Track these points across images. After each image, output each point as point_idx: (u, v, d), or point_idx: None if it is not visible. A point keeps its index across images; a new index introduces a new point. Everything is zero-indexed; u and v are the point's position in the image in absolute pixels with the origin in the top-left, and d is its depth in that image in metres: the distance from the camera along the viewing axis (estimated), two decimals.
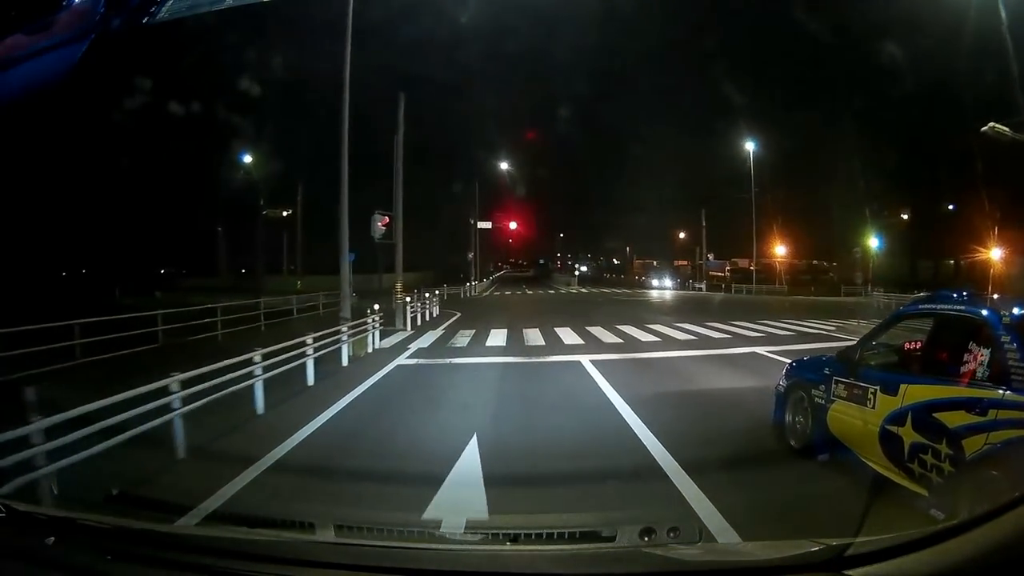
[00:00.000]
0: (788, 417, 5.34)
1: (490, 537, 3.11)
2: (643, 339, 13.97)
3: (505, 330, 16.27)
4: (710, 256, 53.73)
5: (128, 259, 46.83)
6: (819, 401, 4.87)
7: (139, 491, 4.04)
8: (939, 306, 4.30)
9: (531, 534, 2.78)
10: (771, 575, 1.56)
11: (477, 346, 13.24)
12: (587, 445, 5.53)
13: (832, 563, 1.47)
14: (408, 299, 17.80)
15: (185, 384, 5.69)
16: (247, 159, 41.51)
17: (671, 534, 2.20)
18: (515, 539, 2.53)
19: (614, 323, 17.58)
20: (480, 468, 4.67)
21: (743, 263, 63.19)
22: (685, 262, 67.92)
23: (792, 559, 1.55)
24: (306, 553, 1.80)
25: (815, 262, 60.04)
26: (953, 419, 3.48)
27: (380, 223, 17.39)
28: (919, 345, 4.64)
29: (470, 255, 46.25)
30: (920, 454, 3.69)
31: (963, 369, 3.69)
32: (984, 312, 3.78)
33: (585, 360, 10.64)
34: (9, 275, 28.76)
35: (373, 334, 13.51)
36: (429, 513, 3.79)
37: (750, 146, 45.91)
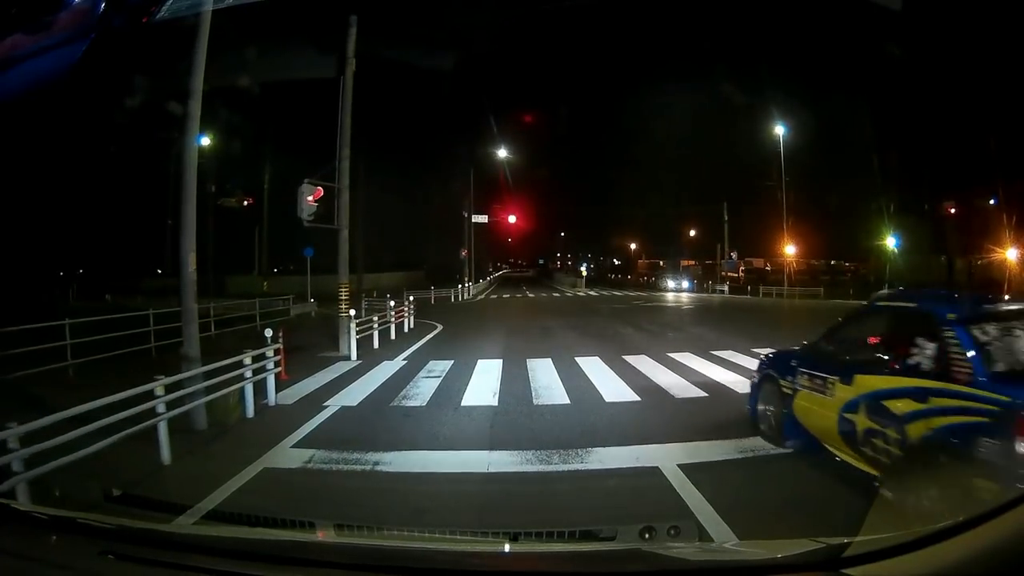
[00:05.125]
0: (760, 407, 5.65)
1: (490, 536, 3.00)
2: (740, 389, 8.02)
3: (499, 362, 10.35)
4: (733, 255, 48.08)
5: (104, 258, 43.07)
6: (787, 391, 5.13)
7: (140, 491, 3.87)
8: (895, 303, 4.95)
9: (531, 533, 2.74)
10: (770, 574, 1.53)
11: (445, 406, 7.29)
12: None
13: (831, 562, 1.44)
14: (353, 312, 11.85)
15: None
16: (205, 142, 36.70)
17: (671, 533, 2.21)
18: (515, 538, 2.39)
19: (664, 349, 11.66)
20: None
21: (757, 263, 59.24)
22: (693, 262, 63.91)
23: (791, 558, 1.52)
24: (306, 553, 1.75)
25: (833, 262, 57.49)
26: (899, 407, 3.83)
27: (310, 197, 11.47)
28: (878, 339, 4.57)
29: (463, 252, 40.26)
30: (872, 439, 4.03)
31: (911, 361, 3.93)
32: (931, 308, 4.12)
33: (667, 463, 4.82)
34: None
35: (267, 377, 7.67)
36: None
37: (779, 130, 41.18)
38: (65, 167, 35.13)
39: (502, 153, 40.48)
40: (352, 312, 11.69)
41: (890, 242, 36.99)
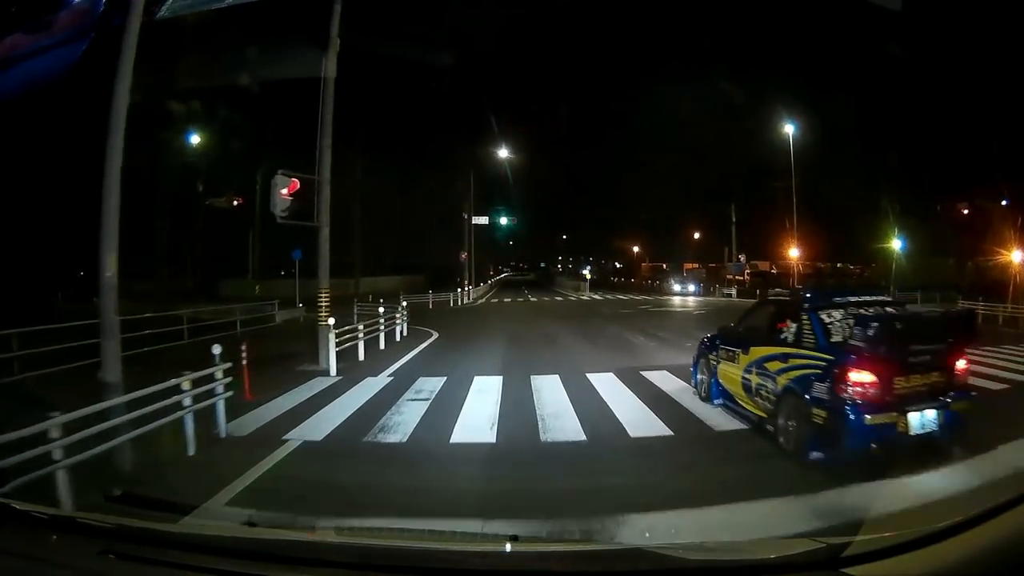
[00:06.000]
0: (698, 377, 7.47)
1: (490, 537, 2.86)
2: None
3: (499, 379, 8.96)
4: (741, 258, 46.72)
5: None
6: (713, 362, 6.95)
7: (140, 490, 3.69)
8: (779, 297, 7.80)
9: (531, 533, 2.70)
10: (771, 573, 1.54)
11: (430, 443, 5.87)
12: None
13: (832, 562, 1.45)
14: (332, 320, 10.43)
15: None
16: (194, 140, 35.74)
17: (671, 531, 2.22)
18: (515, 538, 2.14)
19: (686, 362, 10.21)
20: None
21: (763, 266, 58.14)
22: (696, 265, 62.75)
23: (792, 557, 1.52)
24: (307, 552, 1.75)
25: (839, 264, 56.83)
26: (773, 366, 5.55)
27: (284, 190, 10.10)
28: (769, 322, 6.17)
29: (463, 255, 38.86)
30: (760, 390, 5.74)
31: (781, 336, 5.65)
32: (797, 300, 5.95)
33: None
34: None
35: (218, 403, 6.32)
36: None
37: (789, 128, 39.73)
38: (66, 168, 33.85)
39: (503, 154, 39.07)
40: (331, 321, 10.28)
41: (896, 244, 36.18)
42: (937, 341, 4.88)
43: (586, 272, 70.15)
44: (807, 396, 4.89)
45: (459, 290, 34.11)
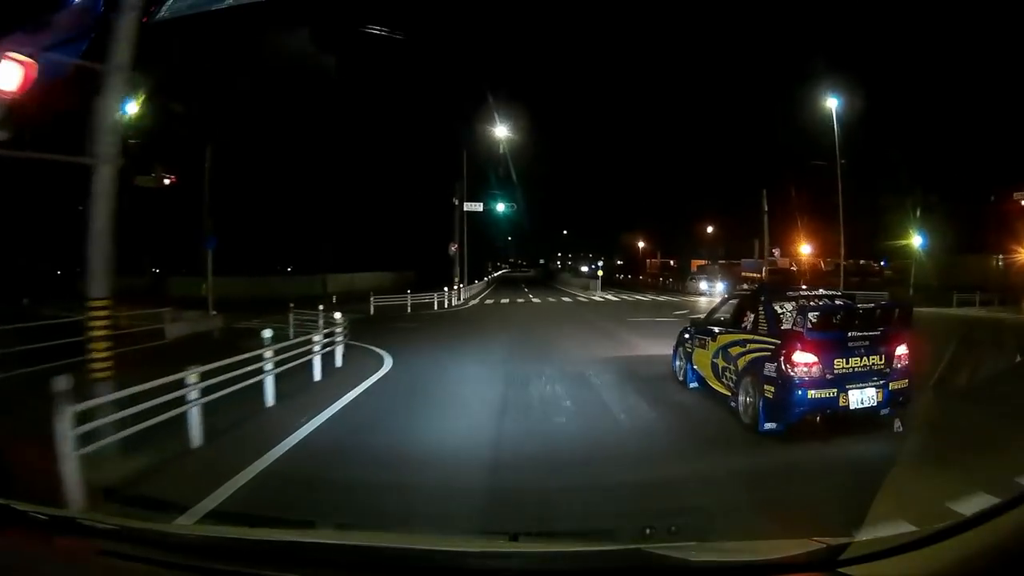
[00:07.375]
0: (676, 363, 8.50)
1: (490, 537, 2.97)
2: None
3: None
4: (775, 252, 41.64)
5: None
6: (688, 349, 8.03)
7: (140, 491, 3.82)
8: (743, 291, 8.81)
9: (531, 533, 2.65)
10: (771, 573, 1.52)
11: None
12: None
13: (832, 562, 1.44)
14: (64, 382, 4.32)
15: None
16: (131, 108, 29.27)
17: (671, 532, 2.18)
18: (515, 538, 2.27)
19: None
20: None
21: (782, 263, 54.25)
22: (705, 261, 59.32)
23: (792, 558, 1.52)
24: (306, 553, 1.76)
25: (862, 261, 53.53)
26: (734, 350, 6.52)
27: (7, 85, 4.13)
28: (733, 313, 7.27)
29: (453, 246, 32.93)
30: (725, 372, 6.67)
31: (743, 324, 6.70)
32: (756, 293, 7.13)
33: None
34: None
35: None
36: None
37: (832, 103, 34.27)
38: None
39: (501, 136, 33.19)
40: (62, 385, 4.10)
41: (916, 241, 34.84)
42: (874, 329, 5.64)
43: (587, 268, 64.74)
44: (761, 374, 5.79)
45: (446, 289, 28.04)
